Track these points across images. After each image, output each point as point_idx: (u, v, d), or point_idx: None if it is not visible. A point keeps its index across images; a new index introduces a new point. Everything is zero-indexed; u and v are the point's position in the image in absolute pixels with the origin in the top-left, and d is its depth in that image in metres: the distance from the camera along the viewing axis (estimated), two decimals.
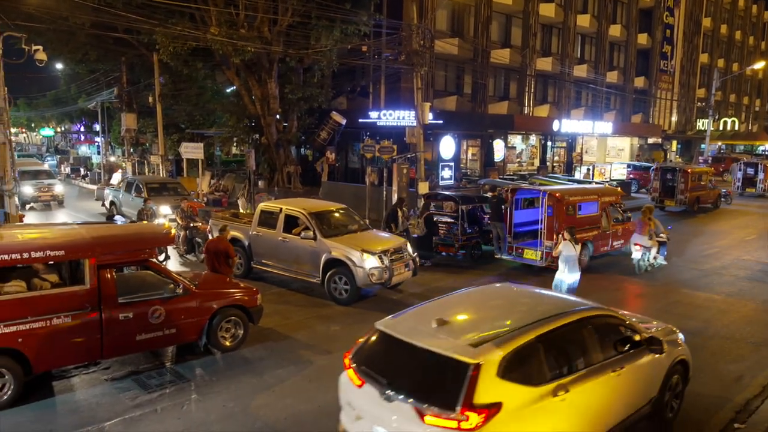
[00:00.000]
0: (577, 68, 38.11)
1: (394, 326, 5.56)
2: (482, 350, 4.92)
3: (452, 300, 6.40)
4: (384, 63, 26.13)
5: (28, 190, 22.67)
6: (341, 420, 5.67)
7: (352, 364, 5.57)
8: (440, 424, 4.68)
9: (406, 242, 12.42)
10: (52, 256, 7.39)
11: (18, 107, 47.59)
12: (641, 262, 14.17)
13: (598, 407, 5.63)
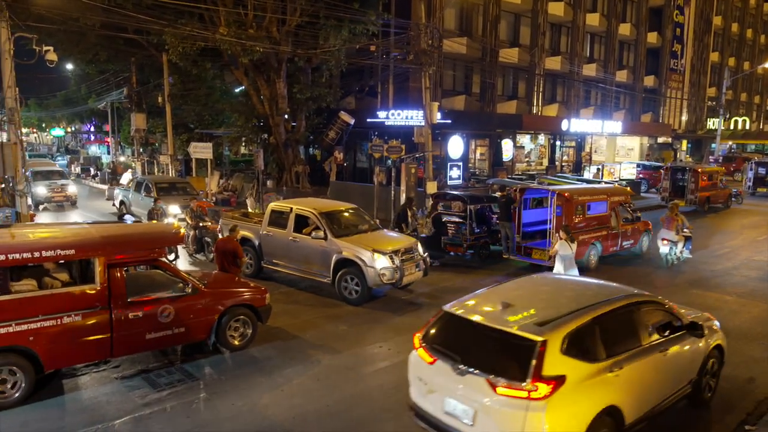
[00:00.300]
0: (587, 67, 37.94)
1: (462, 309, 6.11)
2: (547, 329, 5.46)
3: (508, 287, 6.93)
4: (392, 62, 26.11)
5: (42, 190, 22.71)
6: (411, 395, 6.21)
7: (423, 343, 6.12)
8: (511, 394, 5.22)
9: (416, 242, 12.39)
10: (62, 255, 7.44)
11: (29, 107, 48.03)
12: (669, 256, 14.57)
13: (646, 385, 6.10)
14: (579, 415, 5.36)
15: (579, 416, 5.36)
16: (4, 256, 6.96)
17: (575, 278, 7.74)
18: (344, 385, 7.94)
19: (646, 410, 6.07)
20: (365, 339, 9.69)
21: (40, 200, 22.66)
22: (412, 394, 6.21)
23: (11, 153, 14.20)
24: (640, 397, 6.01)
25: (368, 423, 6.96)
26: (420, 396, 6.05)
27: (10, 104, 14.58)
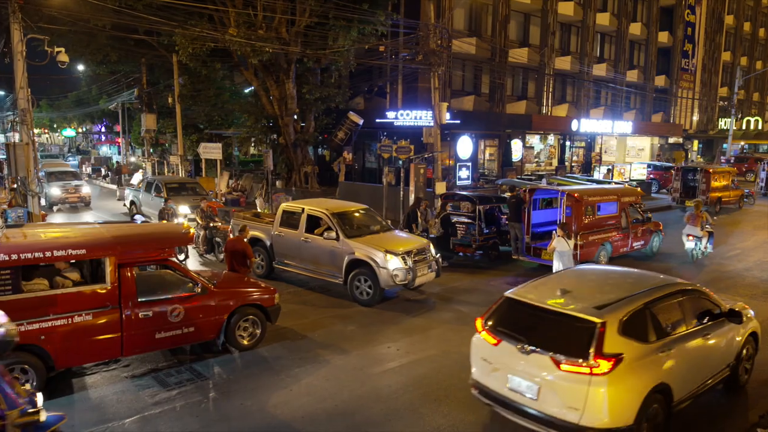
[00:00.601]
0: (597, 67, 37.75)
1: (524, 295, 6.68)
2: (605, 312, 6.03)
3: (561, 276, 7.60)
4: (401, 63, 26.10)
5: (56, 191, 22.73)
6: (474, 374, 6.78)
7: (486, 327, 6.68)
8: (575, 370, 5.77)
9: (429, 243, 12.34)
10: (73, 255, 7.49)
11: (41, 108, 48.47)
12: (694, 251, 15.21)
13: (691, 366, 6.63)
14: (635, 390, 5.85)
15: (635, 391, 5.85)
16: (17, 255, 7.02)
17: (619, 268, 8.42)
18: (353, 385, 7.94)
19: (691, 390, 6.60)
20: (374, 339, 9.68)
21: (54, 201, 22.67)
22: (474, 374, 6.77)
23: (23, 153, 14.33)
24: (686, 377, 6.51)
25: (377, 423, 6.96)
26: (484, 375, 6.60)
27: (23, 105, 14.71)
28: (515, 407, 6.20)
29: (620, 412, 5.74)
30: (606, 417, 5.68)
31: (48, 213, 20.95)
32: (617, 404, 5.72)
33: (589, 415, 5.68)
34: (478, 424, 6.98)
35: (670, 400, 6.25)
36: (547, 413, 5.91)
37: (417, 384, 8.00)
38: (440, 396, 7.65)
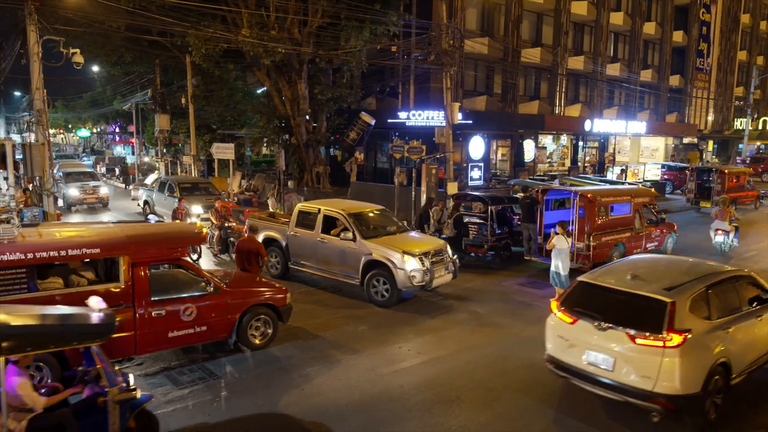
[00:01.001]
0: (610, 67, 37.46)
1: (597, 279, 7.54)
2: (675, 293, 6.81)
3: (628, 263, 8.40)
4: (413, 63, 26.07)
5: (74, 192, 22.72)
6: (549, 351, 7.56)
7: (562, 308, 7.50)
8: (649, 343, 6.52)
9: (446, 244, 12.28)
10: (88, 254, 7.56)
11: (56, 109, 48.93)
12: (723, 245, 15.81)
13: (746, 343, 7.31)
14: (701, 362, 6.58)
15: (701, 362, 6.57)
16: (32, 254, 7.10)
17: (676, 257, 9.46)
18: (364, 385, 7.94)
19: (746, 365, 7.28)
20: (386, 340, 9.68)
21: (73, 202, 22.65)
22: (550, 350, 7.56)
23: (39, 153, 14.50)
24: (743, 353, 7.20)
25: (389, 423, 6.96)
26: (560, 351, 7.37)
27: (38, 105, 14.88)
28: (591, 378, 6.95)
29: (689, 381, 6.44)
30: (677, 384, 6.38)
31: (65, 214, 21.13)
32: (687, 373, 6.41)
33: (662, 383, 6.41)
34: (489, 425, 6.96)
35: (729, 373, 6.93)
36: (622, 382, 6.66)
37: (429, 384, 7.98)
38: (452, 397, 7.63)
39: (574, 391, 7.88)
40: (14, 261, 6.97)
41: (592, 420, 7.14)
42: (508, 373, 8.41)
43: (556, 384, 8.06)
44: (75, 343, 5.24)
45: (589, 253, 13.59)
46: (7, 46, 16.18)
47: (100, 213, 23.25)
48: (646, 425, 6.84)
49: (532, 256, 14.62)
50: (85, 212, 23.18)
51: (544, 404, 7.51)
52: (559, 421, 7.12)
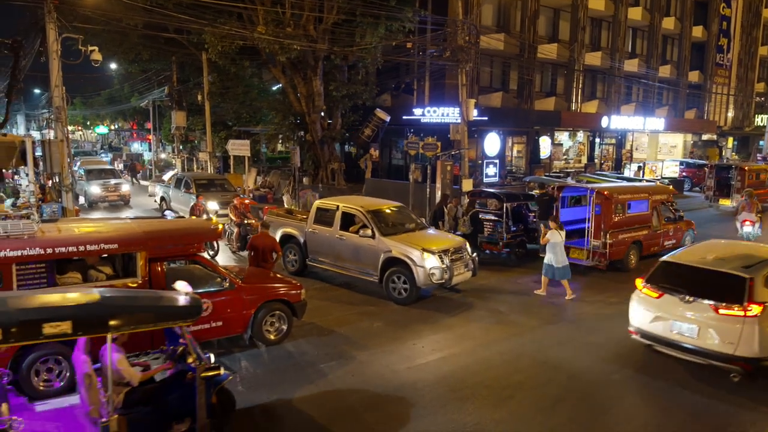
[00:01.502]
0: (628, 63, 37.04)
1: (680, 258, 8.74)
2: (752, 271, 7.92)
3: (703, 246, 9.60)
4: (428, 59, 25.99)
5: (96, 190, 22.55)
6: (635, 323, 8.67)
7: (647, 284, 8.63)
8: (731, 313, 7.63)
9: (465, 242, 12.23)
10: (106, 249, 7.65)
11: (74, 106, 49.47)
12: (750, 235, 16.20)
13: None
14: None
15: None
16: (51, 249, 7.20)
17: (743, 242, 10.99)
18: (378, 381, 7.96)
19: None
20: (401, 336, 9.68)
21: (94, 200, 22.52)
22: (636, 323, 8.64)
23: (58, 150, 14.68)
24: None
25: (402, 420, 6.96)
26: (646, 322, 8.47)
27: (57, 103, 15.05)
28: (677, 345, 8.07)
29: (766, 345, 7.43)
30: (756, 348, 7.44)
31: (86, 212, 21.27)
32: (765, 339, 7.42)
33: (743, 348, 7.48)
34: (503, 422, 6.94)
35: None
36: (706, 347, 7.77)
37: (443, 381, 7.98)
38: (467, 394, 7.62)
39: (591, 389, 7.84)
40: (34, 256, 7.07)
41: (605, 419, 7.09)
42: (523, 371, 8.38)
43: (571, 382, 8.02)
44: (169, 322, 5.64)
45: (605, 250, 13.48)
46: (27, 44, 16.38)
47: (119, 209, 23.43)
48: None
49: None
50: (106, 210, 23.35)
51: (559, 402, 7.47)
52: (573, 419, 7.07)
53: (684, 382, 8.07)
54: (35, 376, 7.17)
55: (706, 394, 7.74)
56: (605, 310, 11.31)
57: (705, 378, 8.09)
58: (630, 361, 8.79)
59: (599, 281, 13.38)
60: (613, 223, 13.70)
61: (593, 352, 9.10)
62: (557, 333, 10.03)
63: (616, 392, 7.80)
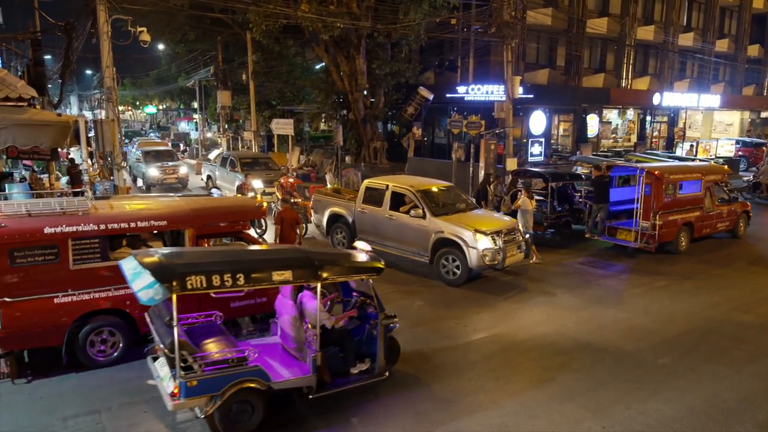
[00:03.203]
0: (682, 37, 35.50)
1: None
2: None
3: None
4: (473, 36, 25.52)
5: (154, 172, 22.26)
6: None
7: None
8: None
9: (517, 223, 12.08)
10: (155, 225, 7.88)
11: (124, 86, 50.76)
12: None
13: None
14: None
15: None
16: (105, 225, 7.45)
17: None
18: (418, 360, 7.99)
19: None
20: (444, 316, 9.68)
21: (152, 182, 22.32)
22: None
23: (109, 129, 15.11)
24: None
25: (442, 400, 6.99)
26: None
27: (108, 83, 15.45)
28: None
29: None
30: None
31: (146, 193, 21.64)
32: None
33: None
34: (542, 404, 6.88)
35: None
36: None
37: (484, 361, 7.96)
38: (508, 374, 7.59)
39: (637, 372, 7.68)
40: (88, 231, 7.33)
41: (652, 403, 6.95)
42: (566, 353, 8.27)
43: (616, 365, 7.88)
44: (361, 275, 6.86)
45: (654, 232, 13.11)
46: (79, 26, 16.80)
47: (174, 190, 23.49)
48: None
49: (595, 235, 14.22)
50: (162, 191, 23.36)
51: (602, 386, 7.35)
52: (619, 400, 6.95)
53: (737, 365, 7.83)
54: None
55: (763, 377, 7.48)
56: (653, 294, 11.03)
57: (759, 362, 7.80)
58: (677, 345, 8.57)
59: (647, 264, 13.04)
60: (664, 203, 13.29)
61: (639, 336, 8.91)
62: (603, 315, 9.85)
63: (663, 377, 7.62)
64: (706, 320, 9.63)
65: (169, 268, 5.66)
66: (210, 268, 5.78)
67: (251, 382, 6.04)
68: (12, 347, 7.13)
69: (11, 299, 6.91)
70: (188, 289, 5.58)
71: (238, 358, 6.09)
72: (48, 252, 7.12)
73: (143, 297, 5.48)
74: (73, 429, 6.22)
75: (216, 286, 5.71)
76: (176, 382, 5.80)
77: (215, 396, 5.87)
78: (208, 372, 5.89)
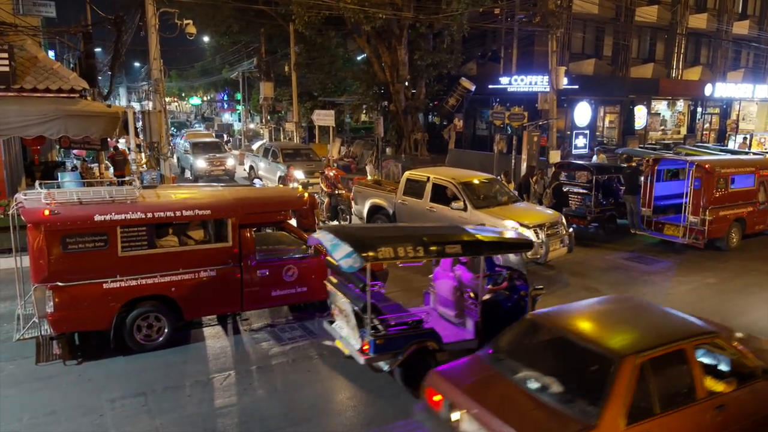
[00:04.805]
0: (737, 25, 34.06)
1: None
2: None
3: None
4: (517, 26, 25.09)
5: (201, 164, 22.49)
6: None
7: None
8: None
9: (561, 216, 11.85)
10: (200, 215, 8.04)
11: (171, 78, 51.95)
12: None
13: None
14: None
15: None
16: (152, 214, 7.65)
17: None
18: (460, 352, 7.92)
19: None
20: None
21: (200, 174, 22.57)
22: None
23: (156, 120, 15.49)
24: None
25: None
26: None
27: (156, 75, 15.83)
28: None
29: None
30: None
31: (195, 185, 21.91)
32: None
33: None
34: None
35: None
36: None
37: None
38: None
39: None
40: (136, 219, 7.54)
41: None
42: None
43: None
44: (515, 250, 7.51)
45: (704, 228, 12.68)
46: (128, 19, 17.24)
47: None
48: None
49: (637, 230, 13.86)
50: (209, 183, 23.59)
51: None
52: None
53: None
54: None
55: None
56: (702, 291, 10.69)
57: None
58: None
59: (696, 260, 12.64)
60: (714, 198, 12.84)
61: None
62: None
63: None
64: (756, 320, 9.27)
65: (363, 240, 6.42)
66: (395, 242, 6.49)
67: (429, 342, 6.76)
68: (63, 330, 7.40)
69: (63, 284, 7.17)
70: (379, 259, 6.32)
71: (415, 320, 6.86)
72: (98, 239, 7.35)
73: (344, 265, 6.22)
74: (120, 410, 6.43)
75: (401, 257, 6.45)
76: (366, 340, 6.50)
77: (398, 353, 6.57)
78: (393, 332, 6.60)
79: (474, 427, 4.90)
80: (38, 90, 11.27)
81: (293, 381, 7.16)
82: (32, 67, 11.67)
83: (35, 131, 10.77)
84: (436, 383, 5.46)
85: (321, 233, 7.10)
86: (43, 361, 7.48)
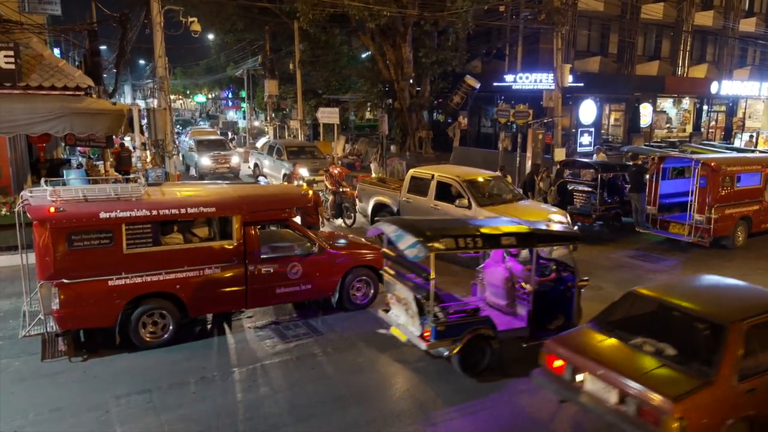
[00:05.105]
0: (744, 22, 33.84)
1: None
2: None
3: None
4: (522, 23, 25.01)
5: (206, 161, 22.43)
6: None
7: None
8: None
9: (565, 214, 11.83)
10: (204, 212, 8.06)
11: (176, 76, 52.01)
12: None
13: None
14: None
15: None
16: (156, 211, 7.66)
17: None
18: None
19: None
20: None
21: (204, 172, 22.50)
22: None
23: (161, 118, 15.50)
24: None
25: (490, 385, 6.94)
26: None
27: (161, 72, 15.84)
28: None
29: None
30: None
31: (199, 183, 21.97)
32: None
33: None
34: None
35: None
36: None
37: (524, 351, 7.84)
38: None
39: None
40: (141, 217, 7.55)
41: None
42: None
43: None
44: (561, 243, 8.18)
45: (709, 226, 12.63)
46: (133, 17, 17.27)
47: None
48: None
49: (642, 228, 13.82)
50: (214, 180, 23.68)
51: None
52: None
53: None
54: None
55: None
56: None
57: None
58: None
59: (701, 258, 12.59)
60: (720, 196, 12.79)
61: None
62: None
63: None
64: None
65: (427, 231, 6.71)
66: (455, 233, 6.83)
67: (485, 330, 7.07)
68: (69, 326, 7.44)
69: (69, 281, 7.20)
70: (443, 249, 6.60)
71: (473, 309, 7.27)
72: (103, 236, 7.37)
73: (409, 254, 6.57)
74: (125, 407, 6.46)
75: (461, 248, 6.80)
76: (428, 326, 6.82)
77: (456, 340, 6.88)
78: (452, 320, 6.94)
79: (599, 385, 5.56)
80: (44, 87, 11.31)
81: (297, 378, 7.17)
82: (38, 64, 11.71)
83: (41, 129, 10.80)
84: (557, 351, 6.04)
85: (384, 224, 7.40)
86: (49, 357, 7.52)
